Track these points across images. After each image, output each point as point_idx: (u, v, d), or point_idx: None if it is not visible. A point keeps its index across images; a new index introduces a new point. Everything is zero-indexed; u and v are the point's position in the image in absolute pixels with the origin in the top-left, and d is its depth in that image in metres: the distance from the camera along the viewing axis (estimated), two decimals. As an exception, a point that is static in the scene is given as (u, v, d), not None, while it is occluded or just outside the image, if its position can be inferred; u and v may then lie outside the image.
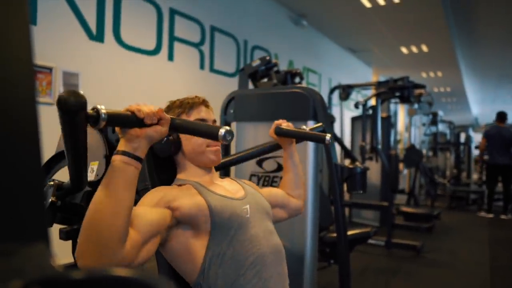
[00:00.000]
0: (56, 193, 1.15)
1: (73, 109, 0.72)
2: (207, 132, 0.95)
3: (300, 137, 1.44)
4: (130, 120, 0.83)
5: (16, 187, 0.33)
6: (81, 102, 0.73)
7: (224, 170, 2.29)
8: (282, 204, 1.41)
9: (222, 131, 0.91)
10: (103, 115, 0.77)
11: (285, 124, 1.42)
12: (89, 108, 0.77)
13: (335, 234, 2.15)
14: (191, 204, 1.04)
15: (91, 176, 1.19)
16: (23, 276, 0.27)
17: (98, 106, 0.77)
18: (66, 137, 0.78)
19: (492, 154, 6.40)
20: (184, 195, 1.07)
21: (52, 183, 1.17)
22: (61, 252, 1.50)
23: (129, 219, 0.85)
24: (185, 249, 1.05)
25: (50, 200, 1.15)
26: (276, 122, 1.43)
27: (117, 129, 0.87)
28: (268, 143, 1.53)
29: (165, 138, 1.17)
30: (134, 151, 0.86)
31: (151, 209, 0.99)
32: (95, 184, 1.22)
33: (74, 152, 0.82)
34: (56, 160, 1.42)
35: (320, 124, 1.57)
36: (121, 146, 0.86)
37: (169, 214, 1.01)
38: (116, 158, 0.84)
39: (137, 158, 0.86)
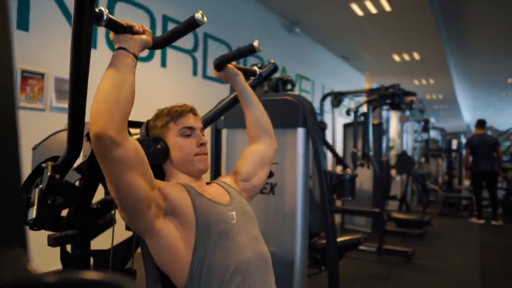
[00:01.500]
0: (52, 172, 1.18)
1: None
2: (185, 25, 1.10)
3: (233, 56, 1.38)
4: (123, 26, 1.01)
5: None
6: None
7: (214, 172, 2.30)
8: (258, 166, 1.38)
9: (196, 16, 1.07)
10: (105, 16, 0.94)
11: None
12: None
13: (325, 240, 2.16)
14: (179, 197, 1.09)
15: (79, 160, 1.25)
16: (-2, 279, 0.28)
17: (103, 8, 0.93)
18: (75, 26, 0.91)
19: (476, 161, 6.50)
20: (173, 188, 1.12)
21: (45, 164, 1.19)
22: (50, 259, 1.50)
23: (132, 98, 0.98)
24: (173, 247, 1.06)
25: (49, 174, 1.17)
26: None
27: (111, 35, 1.03)
28: (229, 96, 1.53)
29: (153, 147, 1.18)
30: (129, 48, 1.00)
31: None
32: (84, 168, 1.27)
33: (78, 54, 0.94)
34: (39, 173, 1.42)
35: (271, 62, 1.58)
36: (117, 46, 1.01)
37: (159, 194, 1.06)
38: (116, 52, 1.00)
39: (133, 54, 1.01)
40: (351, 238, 2.62)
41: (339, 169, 2.85)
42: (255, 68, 1.55)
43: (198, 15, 1.07)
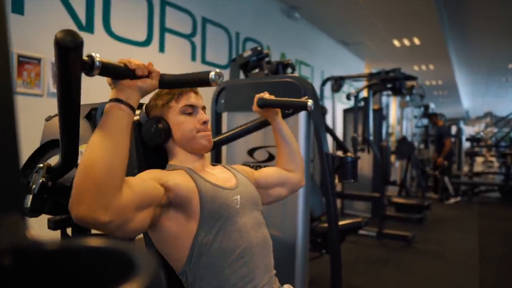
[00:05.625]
0: (46, 175, 1.14)
1: (68, 46, 0.71)
2: (197, 79, 0.96)
3: (282, 105, 1.39)
4: (122, 71, 0.84)
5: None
6: (77, 41, 0.72)
7: (215, 157, 2.28)
8: (281, 182, 1.38)
9: (212, 74, 0.94)
10: (97, 63, 0.77)
11: (267, 96, 1.37)
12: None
13: (326, 224, 2.16)
14: (184, 187, 1.04)
15: (80, 159, 1.19)
16: (-5, 245, 0.27)
17: (93, 54, 0.77)
18: (60, 80, 0.77)
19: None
20: (177, 177, 1.06)
21: (41, 165, 1.16)
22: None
23: (125, 164, 0.83)
24: (174, 235, 1.04)
25: (41, 181, 1.13)
26: (257, 95, 1.38)
27: (108, 80, 0.88)
28: (256, 119, 1.50)
29: (154, 126, 1.16)
30: (126, 99, 0.86)
31: (146, 180, 0.98)
32: None
33: (66, 101, 0.80)
34: (46, 149, 1.40)
35: (306, 97, 1.54)
36: (113, 95, 0.87)
37: (162, 192, 0.99)
38: (109, 105, 0.85)
39: (130, 106, 0.86)
40: (352, 221, 2.62)
41: (340, 153, 2.84)
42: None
43: (212, 75, 0.94)
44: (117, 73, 0.85)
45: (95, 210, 0.75)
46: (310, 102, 1.32)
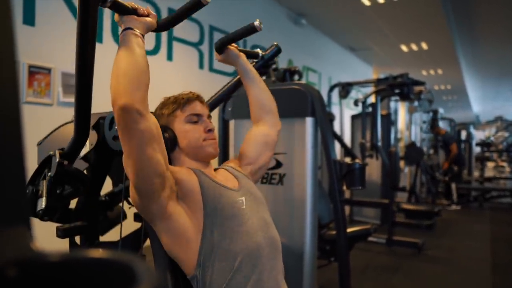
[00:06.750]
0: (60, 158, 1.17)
1: None
2: (189, 6, 1.05)
3: (234, 37, 1.37)
4: (128, 8, 1.01)
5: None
6: None
7: (222, 162, 2.28)
8: (261, 149, 1.36)
9: None
10: None
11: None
12: None
13: (335, 232, 2.15)
14: (188, 180, 1.08)
15: (85, 149, 1.24)
16: (0, 257, 0.27)
17: None
18: (80, 10, 0.90)
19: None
20: (183, 172, 1.11)
21: (52, 152, 1.18)
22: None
23: (148, 75, 0.98)
24: (183, 230, 1.05)
25: (57, 161, 1.16)
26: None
27: (116, 17, 1.02)
28: (232, 80, 1.51)
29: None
30: (135, 28, 0.99)
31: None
32: (91, 156, 1.24)
33: (84, 35, 0.93)
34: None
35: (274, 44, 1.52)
36: (124, 27, 1.00)
37: (172, 177, 1.05)
38: (123, 33, 0.98)
39: (141, 34, 1.00)
40: (361, 228, 2.60)
41: (348, 160, 2.82)
42: (258, 50, 1.53)
43: None
44: (124, 9, 1.00)
45: (134, 101, 0.91)
46: (257, 22, 1.32)
